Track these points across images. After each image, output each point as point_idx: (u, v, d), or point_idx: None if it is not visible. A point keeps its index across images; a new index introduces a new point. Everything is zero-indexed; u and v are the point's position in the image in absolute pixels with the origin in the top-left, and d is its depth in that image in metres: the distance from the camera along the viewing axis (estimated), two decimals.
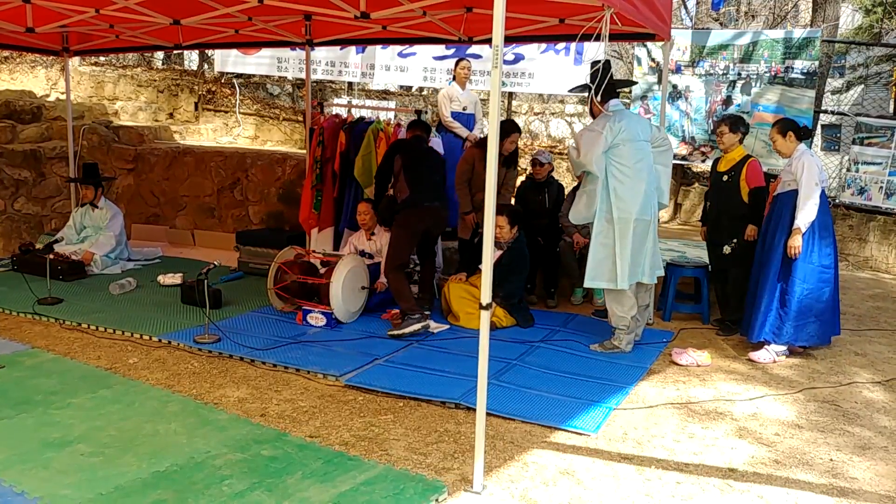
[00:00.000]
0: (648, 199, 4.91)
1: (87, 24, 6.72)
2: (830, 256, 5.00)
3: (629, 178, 4.83)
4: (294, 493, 3.12)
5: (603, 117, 4.88)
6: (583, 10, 5.38)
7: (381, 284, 5.90)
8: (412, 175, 5.54)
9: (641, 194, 4.85)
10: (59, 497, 3.05)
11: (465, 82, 7.38)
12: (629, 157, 4.83)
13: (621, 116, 4.89)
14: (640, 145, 4.90)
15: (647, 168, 4.92)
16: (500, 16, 3.00)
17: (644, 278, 5.03)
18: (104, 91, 11.98)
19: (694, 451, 3.69)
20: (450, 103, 7.28)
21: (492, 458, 3.49)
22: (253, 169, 8.71)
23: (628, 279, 4.89)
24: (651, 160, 5.00)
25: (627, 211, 4.84)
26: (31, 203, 8.66)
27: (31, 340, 5.07)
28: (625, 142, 4.82)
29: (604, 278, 4.95)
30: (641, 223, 4.89)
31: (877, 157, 8.22)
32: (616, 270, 4.88)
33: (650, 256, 5.02)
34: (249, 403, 4.09)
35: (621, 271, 4.87)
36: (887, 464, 3.61)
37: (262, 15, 6.52)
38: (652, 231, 4.99)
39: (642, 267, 4.99)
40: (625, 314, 5.05)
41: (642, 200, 4.86)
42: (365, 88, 12.68)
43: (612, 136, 4.80)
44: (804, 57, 8.50)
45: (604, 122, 4.84)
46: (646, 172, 4.90)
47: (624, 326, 5.07)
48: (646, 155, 4.94)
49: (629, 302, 5.03)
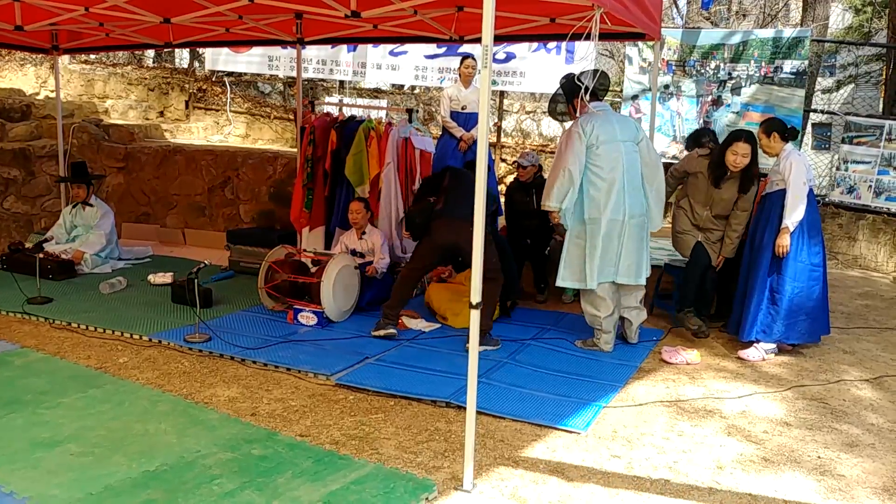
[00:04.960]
0: (622, 199, 4.86)
1: (76, 23, 6.68)
2: (820, 255, 5.04)
3: (601, 180, 4.84)
4: (284, 492, 3.12)
5: (579, 119, 4.95)
6: (573, 10, 5.39)
7: (372, 269, 5.95)
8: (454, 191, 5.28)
9: (614, 194, 4.84)
10: (49, 497, 3.05)
11: (469, 80, 7.36)
12: (604, 158, 4.84)
13: (593, 118, 4.89)
14: (617, 146, 4.88)
15: (624, 168, 4.87)
16: (489, 15, 3.01)
17: (619, 278, 4.98)
18: (94, 89, 11.93)
19: (683, 449, 3.71)
20: (449, 102, 7.27)
21: (482, 457, 3.50)
22: (244, 168, 8.69)
23: (597, 279, 4.90)
24: (634, 160, 4.95)
25: (597, 210, 4.85)
26: (21, 202, 8.63)
27: (20, 340, 5.05)
28: (600, 143, 4.84)
29: (574, 278, 5.00)
30: (613, 223, 4.87)
31: (866, 156, 8.26)
32: (586, 270, 4.91)
33: (629, 256, 4.95)
34: (240, 403, 4.08)
35: (590, 271, 4.89)
36: (875, 461, 3.64)
37: (253, 13, 6.51)
38: (629, 231, 4.91)
39: (615, 267, 4.95)
40: (598, 314, 5.05)
41: (615, 200, 4.84)
42: (356, 87, 12.68)
43: (585, 136, 4.83)
44: (794, 56, 8.54)
45: (577, 122, 4.92)
46: (621, 172, 4.86)
47: (598, 326, 5.08)
48: (624, 154, 4.88)
49: (601, 303, 5.01)
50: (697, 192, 5.39)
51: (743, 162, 5.12)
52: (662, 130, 9.16)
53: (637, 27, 5.09)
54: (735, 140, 5.15)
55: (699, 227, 5.45)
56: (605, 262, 4.91)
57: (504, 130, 11.63)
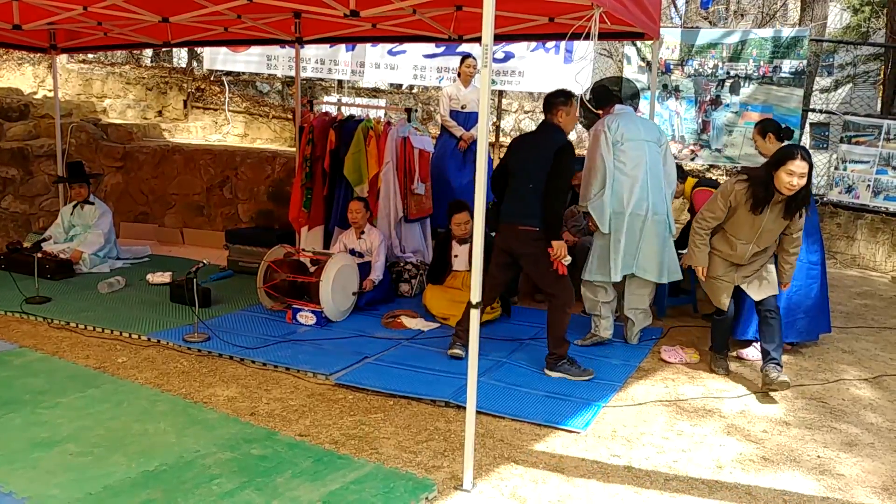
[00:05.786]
0: (645, 195, 5.00)
1: (74, 22, 6.67)
2: (818, 253, 5.05)
3: (625, 176, 5.00)
4: (283, 492, 3.12)
5: (604, 118, 5.14)
6: (572, 9, 5.39)
7: (369, 282, 5.90)
8: (509, 191, 4.70)
9: (637, 189, 4.98)
10: (48, 497, 3.04)
11: (470, 80, 7.35)
12: (628, 155, 5.01)
13: (618, 118, 5.09)
14: (641, 144, 5.05)
15: (648, 166, 5.03)
16: (489, 14, 3.01)
17: (637, 271, 5.09)
18: (92, 89, 11.91)
19: (683, 449, 3.71)
20: (449, 102, 7.27)
21: (482, 456, 3.50)
22: (242, 167, 8.68)
23: (621, 272, 5.03)
24: (657, 160, 5.12)
25: (621, 205, 4.99)
26: (19, 201, 8.61)
27: (18, 340, 5.04)
28: (624, 140, 5.01)
29: (601, 272, 5.11)
30: (636, 217, 5.00)
31: (864, 156, 8.27)
32: (610, 264, 5.03)
33: (650, 252, 5.06)
34: (239, 402, 4.08)
35: (614, 264, 5.01)
36: (874, 460, 3.64)
37: (252, 13, 6.50)
38: (651, 227, 5.03)
39: (637, 260, 5.08)
40: (596, 300, 5.21)
41: (637, 195, 4.98)
42: (355, 86, 12.66)
43: (611, 133, 5.01)
44: (793, 56, 8.54)
45: (603, 122, 5.10)
46: (644, 170, 5.01)
47: (597, 312, 5.23)
48: (647, 153, 5.06)
49: (599, 290, 5.19)
50: (740, 229, 4.44)
51: (800, 184, 4.15)
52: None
53: (636, 27, 5.10)
54: (790, 158, 4.13)
55: (738, 265, 4.60)
56: (629, 254, 5.06)
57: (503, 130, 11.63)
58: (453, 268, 5.96)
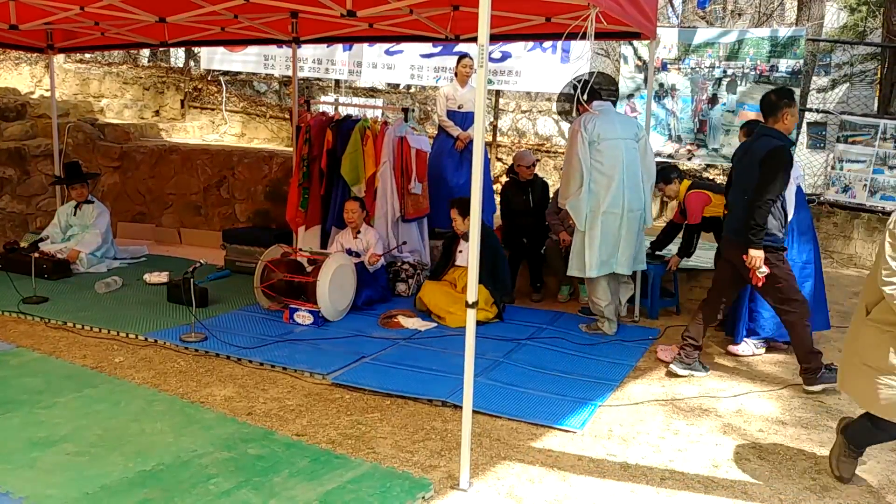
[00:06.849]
0: (621, 193, 5.13)
1: (71, 22, 6.67)
2: (811, 252, 5.06)
3: (602, 175, 5.13)
4: (280, 491, 3.12)
5: (581, 118, 5.23)
6: (569, 9, 5.40)
7: (376, 258, 6.08)
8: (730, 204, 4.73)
9: (613, 188, 5.11)
10: (45, 497, 3.04)
11: (466, 80, 7.34)
12: (605, 154, 5.12)
13: (595, 117, 5.18)
14: (618, 143, 5.15)
15: (624, 164, 5.13)
16: (485, 14, 3.01)
17: (618, 269, 5.27)
18: (89, 88, 11.90)
19: (679, 448, 3.72)
20: (445, 102, 7.27)
21: (478, 456, 3.51)
22: (239, 167, 8.68)
23: (597, 269, 5.19)
24: (633, 157, 5.22)
25: (596, 203, 5.14)
26: (16, 201, 8.60)
27: (16, 339, 5.04)
28: (601, 140, 5.12)
29: (578, 267, 5.29)
30: (611, 216, 5.15)
31: (861, 156, 8.28)
32: (585, 260, 5.20)
33: (627, 249, 5.23)
34: (236, 402, 4.08)
35: (589, 260, 5.18)
36: (870, 459, 3.65)
37: (249, 13, 6.50)
38: (627, 224, 5.19)
39: (616, 258, 5.24)
40: (601, 301, 5.36)
41: (613, 194, 5.11)
42: (352, 86, 12.65)
43: (587, 133, 5.12)
44: (789, 55, 8.55)
45: (579, 121, 5.20)
46: (621, 168, 5.12)
47: (601, 314, 5.40)
48: (624, 151, 5.15)
49: (602, 293, 5.34)
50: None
51: None
52: (657, 129, 9.17)
53: (633, 26, 5.11)
54: None
55: None
56: (606, 252, 5.19)
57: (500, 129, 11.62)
58: (456, 262, 5.97)
